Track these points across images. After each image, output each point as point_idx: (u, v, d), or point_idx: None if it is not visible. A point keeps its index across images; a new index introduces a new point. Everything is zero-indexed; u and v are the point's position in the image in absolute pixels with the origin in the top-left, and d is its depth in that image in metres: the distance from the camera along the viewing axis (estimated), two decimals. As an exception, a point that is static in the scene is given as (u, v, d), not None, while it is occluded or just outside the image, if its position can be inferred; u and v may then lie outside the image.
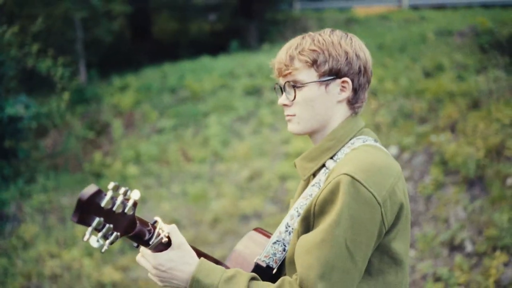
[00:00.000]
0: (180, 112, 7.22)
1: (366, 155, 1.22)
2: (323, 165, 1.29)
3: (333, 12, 12.64)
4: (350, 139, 1.30)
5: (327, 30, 1.33)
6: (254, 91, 7.01)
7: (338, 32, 1.32)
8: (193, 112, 7.06)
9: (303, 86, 1.28)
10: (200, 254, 1.31)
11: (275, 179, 5.25)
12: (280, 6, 13.10)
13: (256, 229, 1.47)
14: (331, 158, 1.28)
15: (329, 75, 1.28)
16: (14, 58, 7.49)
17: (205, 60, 8.91)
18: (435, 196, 4.12)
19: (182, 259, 1.23)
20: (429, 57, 6.44)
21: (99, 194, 1.05)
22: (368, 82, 1.34)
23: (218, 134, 6.33)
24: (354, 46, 1.30)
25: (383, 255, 1.19)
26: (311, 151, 1.32)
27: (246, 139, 6.15)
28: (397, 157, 4.85)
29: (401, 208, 1.19)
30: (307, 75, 1.28)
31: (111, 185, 1.06)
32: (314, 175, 1.32)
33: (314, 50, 1.27)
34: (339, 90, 1.30)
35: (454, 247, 3.56)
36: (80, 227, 5.58)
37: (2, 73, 6.98)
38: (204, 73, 8.08)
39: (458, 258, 3.41)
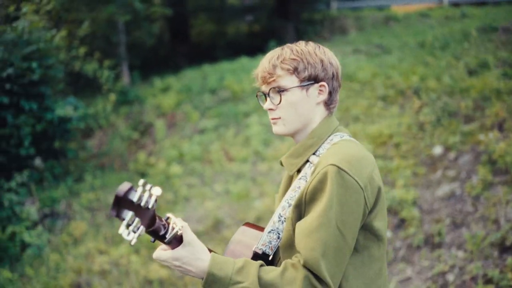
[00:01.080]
0: (221, 113, 7.33)
1: (346, 148, 1.40)
2: (307, 160, 1.47)
3: (371, 10, 12.54)
4: (329, 136, 1.48)
5: (302, 42, 1.52)
6: (294, 91, 7.07)
7: (311, 43, 1.52)
8: (234, 112, 7.15)
9: (286, 90, 1.46)
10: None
11: (317, 179, 5.29)
12: (317, 6, 13.08)
13: (246, 224, 1.61)
14: (314, 153, 1.46)
15: (308, 80, 1.46)
16: (62, 62, 7.78)
17: (244, 61, 9.01)
18: (483, 196, 4.06)
19: (195, 255, 1.34)
20: (473, 55, 6.32)
21: (131, 190, 1.16)
22: (339, 86, 1.53)
23: (259, 133, 6.40)
24: (327, 55, 1.50)
25: (366, 232, 1.37)
26: (296, 149, 1.50)
27: (286, 139, 6.20)
28: (442, 157, 4.80)
29: (379, 191, 1.39)
30: (290, 81, 1.46)
31: (141, 181, 1.17)
32: (299, 170, 1.50)
33: (294, 59, 1.46)
34: (317, 93, 1.49)
35: (505, 248, 3.51)
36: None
37: (51, 76, 7.26)
38: (244, 73, 8.17)
39: (510, 259, 3.36)
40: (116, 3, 8.97)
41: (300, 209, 1.37)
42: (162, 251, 1.37)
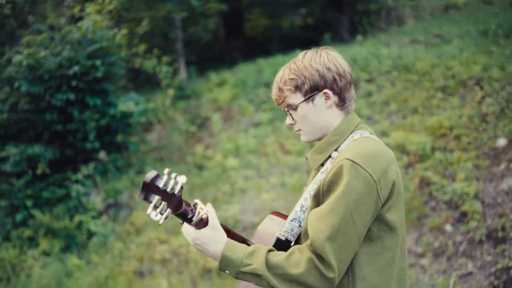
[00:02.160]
0: (276, 106, 7.37)
1: (363, 144, 1.49)
2: (329, 156, 1.58)
3: (429, -1, 12.13)
4: (350, 133, 1.58)
5: (300, 55, 1.63)
6: (349, 84, 7.00)
7: (309, 54, 1.61)
8: (288, 106, 7.19)
9: (296, 107, 1.59)
10: (230, 232, 1.59)
11: (374, 171, 5.23)
12: (373, -4, 12.81)
13: (273, 213, 1.74)
14: (336, 150, 1.57)
15: (310, 92, 1.57)
16: (123, 59, 8.09)
17: (298, 54, 9.00)
18: (551, 189, 3.88)
19: (214, 238, 1.50)
20: (541, 42, 6.01)
21: (158, 177, 1.35)
22: (349, 83, 1.61)
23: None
24: (323, 62, 1.57)
25: (380, 224, 1.45)
26: (319, 145, 1.61)
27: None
28: (506, 149, 4.62)
29: (393, 185, 1.46)
30: (295, 98, 1.59)
31: (166, 170, 1.35)
32: (322, 164, 1.61)
33: (292, 78, 1.58)
34: (324, 100, 1.59)
35: None
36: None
37: (114, 73, 7.57)
38: (298, 67, 8.18)
39: None
40: (173, 0, 9.21)
41: (319, 199, 1.48)
42: (190, 228, 1.53)
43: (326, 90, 1.58)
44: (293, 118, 1.63)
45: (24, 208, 6.75)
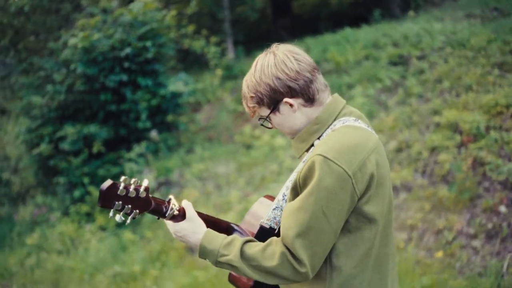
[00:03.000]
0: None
1: (341, 136, 1.47)
2: (312, 145, 1.57)
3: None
4: (333, 121, 1.56)
5: (253, 65, 1.61)
6: (400, 61, 6.80)
7: (259, 64, 1.59)
8: (337, 84, 7.09)
9: (268, 118, 1.61)
10: (213, 221, 1.65)
11: (425, 151, 5.11)
12: (426, -31, 12.32)
13: (265, 196, 1.76)
14: (318, 138, 1.56)
15: (273, 105, 1.57)
16: (173, 40, 8.22)
17: (347, 32, 8.82)
18: None
19: (192, 229, 1.56)
20: None
21: (114, 185, 1.42)
22: (308, 80, 1.54)
23: (363, 105, 6.31)
24: (271, 72, 1.53)
25: (358, 216, 1.45)
26: (301, 134, 1.59)
27: (392, 110, 6.04)
28: None
29: (371, 177, 1.44)
30: (263, 111, 1.61)
31: (122, 178, 1.43)
32: (307, 150, 1.60)
33: (252, 97, 1.58)
34: (289, 106, 1.57)
35: None
36: (233, 195, 6.04)
37: (164, 54, 7.72)
38: (347, 44, 8.02)
39: None
40: (221, -20, 9.24)
41: (297, 192, 1.47)
42: (171, 223, 1.61)
43: (285, 99, 1.56)
44: (271, 127, 1.66)
45: (82, 185, 7.09)
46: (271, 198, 1.74)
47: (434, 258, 4.08)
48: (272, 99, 1.56)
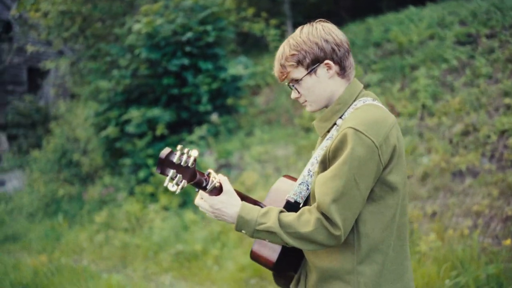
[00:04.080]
0: (386, 66, 7.11)
1: (366, 112, 1.59)
2: (334, 123, 1.69)
3: None
4: (353, 101, 1.68)
5: (297, 31, 1.70)
6: (467, 40, 6.48)
7: (305, 29, 1.69)
8: (399, 65, 6.88)
9: (300, 81, 1.68)
10: (243, 197, 1.71)
11: (494, 135, 4.88)
12: None
13: (284, 176, 1.87)
14: (340, 117, 1.68)
15: (312, 65, 1.66)
16: (232, 23, 8.27)
17: (411, 11, 8.50)
18: None
19: (229, 202, 1.63)
20: None
21: (171, 153, 1.52)
22: (347, 51, 1.69)
23: (427, 87, 6.09)
24: (320, 35, 1.66)
25: (382, 185, 1.58)
26: (325, 114, 1.71)
27: (458, 92, 5.79)
28: None
29: (394, 149, 1.57)
30: (298, 72, 1.67)
31: (179, 147, 1.52)
32: (328, 131, 1.72)
33: (293, 54, 1.65)
34: (326, 70, 1.67)
35: None
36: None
37: (224, 37, 7.79)
38: (411, 24, 7.74)
39: None
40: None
41: (325, 165, 1.60)
42: (208, 196, 1.65)
43: (327, 61, 1.66)
44: (298, 92, 1.71)
45: (146, 167, 7.36)
46: (291, 177, 1.86)
47: (501, 246, 3.92)
48: (314, 59, 1.65)
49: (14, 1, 13.26)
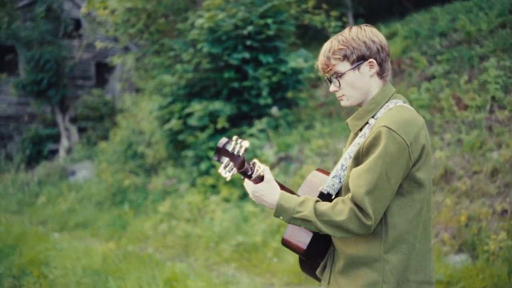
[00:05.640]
0: (453, 57, 6.84)
1: (398, 113, 1.71)
2: (367, 122, 1.80)
3: None
4: (386, 102, 1.80)
5: (346, 30, 1.82)
6: (543, 28, 6.11)
7: (354, 28, 1.81)
8: (467, 56, 6.59)
9: (343, 75, 1.79)
10: (280, 186, 1.84)
11: None
12: None
13: (317, 169, 2.00)
14: (373, 117, 1.79)
15: (357, 61, 1.78)
16: (293, 16, 8.24)
17: (481, -2, 8.12)
18: None
19: (270, 190, 1.77)
20: None
21: (228, 143, 1.67)
22: (388, 55, 1.82)
23: (497, 78, 5.81)
24: (368, 35, 1.78)
25: (410, 181, 1.70)
26: (358, 112, 1.83)
27: (532, 84, 5.49)
28: None
29: (423, 148, 1.69)
30: (343, 66, 1.78)
31: (234, 137, 1.67)
32: (360, 129, 1.83)
33: (341, 48, 1.77)
34: (369, 68, 1.79)
35: None
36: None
37: (284, 30, 7.78)
38: (480, 12, 7.39)
39: None
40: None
41: (358, 160, 1.72)
42: (251, 183, 1.81)
43: (371, 60, 1.78)
44: (339, 85, 1.81)
45: (207, 159, 7.52)
46: (323, 171, 1.99)
47: None
48: (360, 55, 1.77)
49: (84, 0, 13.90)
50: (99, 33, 12.98)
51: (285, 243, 1.87)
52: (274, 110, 7.60)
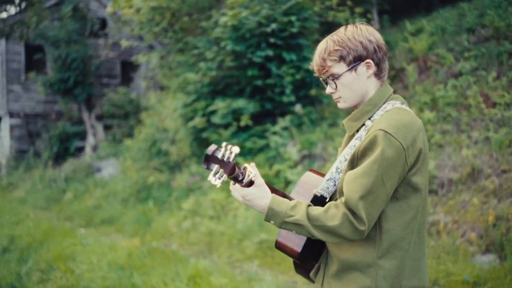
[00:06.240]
0: (481, 53, 6.70)
1: (395, 115, 1.66)
2: (363, 124, 1.75)
3: None
4: (383, 104, 1.75)
5: (341, 29, 1.75)
6: None
7: (349, 28, 1.74)
8: (496, 52, 6.45)
9: (339, 76, 1.73)
10: (273, 189, 1.81)
11: None
12: None
13: (310, 170, 1.95)
14: (369, 118, 1.74)
15: (354, 62, 1.72)
16: (316, 13, 8.19)
17: (510, -7, 7.92)
18: None
19: (260, 194, 1.73)
20: None
21: (217, 150, 1.65)
22: (385, 54, 1.76)
23: (527, 75, 5.67)
24: (365, 34, 1.71)
25: (406, 185, 1.66)
26: (355, 113, 1.78)
27: None
28: None
29: (420, 152, 1.65)
30: (339, 68, 1.72)
31: (223, 144, 1.64)
32: (357, 131, 1.78)
33: (337, 49, 1.70)
34: (366, 69, 1.73)
35: None
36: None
37: (307, 27, 7.74)
38: (510, 7, 7.21)
39: None
40: None
41: (353, 163, 1.67)
42: (240, 187, 1.77)
43: (368, 60, 1.72)
44: (336, 87, 1.76)
45: (231, 156, 7.54)
46: (317, 172, 1.94)
47: None
48: (357, 56, 1.71)
49: (109, -1, 14.08)
50: (124, 32, 13.14)
51: (279, 246, 1.84)
52: (298, 108, 7.57)
